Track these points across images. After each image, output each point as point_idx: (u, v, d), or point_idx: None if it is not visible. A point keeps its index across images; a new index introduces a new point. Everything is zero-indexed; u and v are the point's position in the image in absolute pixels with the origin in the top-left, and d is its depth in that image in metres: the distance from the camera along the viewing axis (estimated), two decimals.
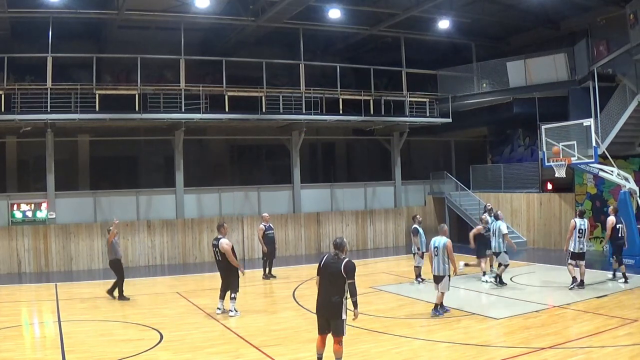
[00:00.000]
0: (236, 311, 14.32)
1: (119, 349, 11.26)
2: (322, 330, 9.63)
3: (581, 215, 17.29)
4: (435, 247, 13.81)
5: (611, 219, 17.83)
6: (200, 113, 25.52)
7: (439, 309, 13.71)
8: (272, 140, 28.18)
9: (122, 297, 16.97)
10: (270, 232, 21.14)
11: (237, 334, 12.38)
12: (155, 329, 12.82)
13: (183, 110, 25.40)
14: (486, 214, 18.86)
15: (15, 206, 24.61)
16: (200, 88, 25.79)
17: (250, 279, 21.16)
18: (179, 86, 25.60)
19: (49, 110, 24.05)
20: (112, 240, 17.38)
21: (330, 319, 9.42)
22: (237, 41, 28.41)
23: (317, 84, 27.65)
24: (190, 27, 26.48)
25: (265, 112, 26.51)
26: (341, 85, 27.89)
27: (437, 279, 13.78)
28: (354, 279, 9.32)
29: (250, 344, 11.54)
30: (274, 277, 20.63)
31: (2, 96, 23.93)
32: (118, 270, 17.12)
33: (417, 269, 18.42)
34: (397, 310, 14.57)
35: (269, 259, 20.80)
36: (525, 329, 12.22)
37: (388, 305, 15.30)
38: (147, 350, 11.19)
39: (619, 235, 17.72)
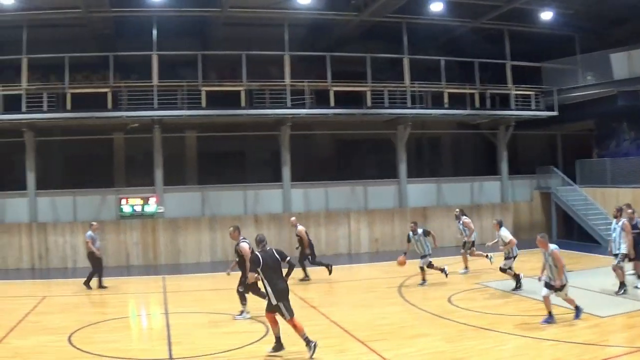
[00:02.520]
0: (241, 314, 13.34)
1: (224, 341, 11.14)
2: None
3: None
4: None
5: None
6: (305, 108, 24.87)
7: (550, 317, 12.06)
8: (378, 135, 27.31)
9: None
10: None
11: (342, 328, 12.11)
12: (261, 322, 12.56)
13: (289, 105, 24.77)
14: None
15: (124, 201, 24.59)
16: (305, 83, 25.18)
17: (356, 273, 20.34)
18: (284, 82, 25.07)
19: (156, 107, 23.88)
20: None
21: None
22: (341, 36, 27.74)
23: (421, 78, 26.66)
24: (294, 23, 25.94)
25: (371, 107, 25.65)
26: (445, 78, 26.86)
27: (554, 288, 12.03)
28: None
29: (356, 338, 11.27)
30: (308, 279, 18.71)
31: (109, 94, 24.14)
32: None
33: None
34: (502, 307, 13.91)
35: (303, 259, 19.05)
36: (630, 327, 11.61)
37: (493, 301, 14.68)
38: (252, 343, 11.08)
39: None
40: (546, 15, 26.05)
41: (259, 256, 10.18)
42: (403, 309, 14.05)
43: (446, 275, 16.92)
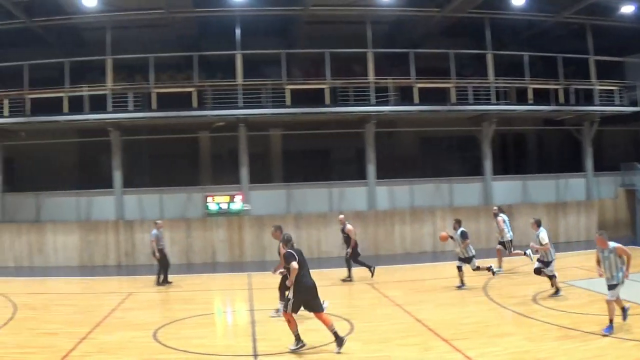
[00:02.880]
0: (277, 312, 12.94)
1: (308, 338, 10.85)
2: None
3: None
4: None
5: None
6: (389, 105, 24.61)
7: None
8: (462, 132, 26.87)
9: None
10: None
11: (426, 327, 11.88)
12: (346, 319, 12.44)
13: (373, 103, 24.55)
14: None
15: (210, 199, 24.55)
16: (389, 80, 24.93)
17: (441, 271, 19.92)
18: (368, 79, 24.86)
19: (240, 105, 23.82)
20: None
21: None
22: (423, 32, 27.46)
23: (504, 74, 26.21)
24: (376, 20, 25.75)
25: (455, 103, 25.27)
26: (529, 74, 26.31)
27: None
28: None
29: (440, 336, 11.06)
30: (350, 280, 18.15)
31: (194, 93, 24.29)
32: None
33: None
34: (587, 306, 13.29)
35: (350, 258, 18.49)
36: None
37: (579, 300, 14.07)
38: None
39: None
40: (627, 8, 25.46)
41: (293, 252, 10.46)
42: (488, 307, 13.81)
43: (493, 273, 16.41)
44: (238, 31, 24.59)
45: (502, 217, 19.00)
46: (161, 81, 25.15)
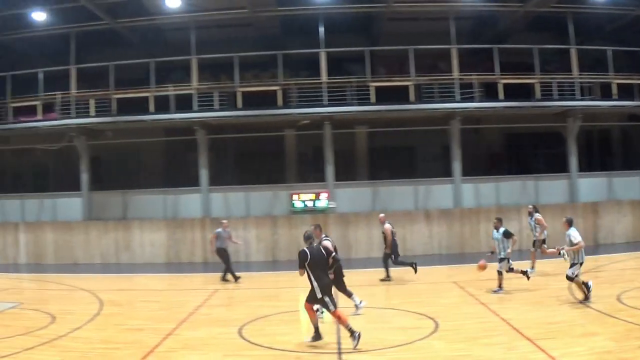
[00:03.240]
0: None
1: (393, 336, 10.96)
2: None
3: None
4: None
5: None
6: (474, 102, 24.38)
7: None
8: (547, 128, 26.49)
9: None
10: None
11: (511, 326, 11.62)
12: (430, 318, 12.35)
13: (458, 99, 24.34)
14: None
15: (295, 196, 24.53)
16: (474, 77, 24.68)
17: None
18: (452, 76, 24.63)
19: (325, 103, 23.76)
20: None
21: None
22: (506, 28, 27.10)
23: (588, 69, 25.78)
24: (459, 16, 25.50)
25: (540, 99, 24.95)
26: (612, 69, 25.82)
27: None
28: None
29: (524, 336, 10.78)
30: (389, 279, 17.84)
31: (279, 91, 24.34)
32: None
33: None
34: None
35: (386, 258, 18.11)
36: None
37: None
38: (421, 339, 10.82)
39: None
40: None
41: (307, 252, 10.62)
42: (573, 307, 13.39)
43: (528, 278, 15.42)
44: (321, 29, 24.49)
45: (538, 216, 18.56)
46: (246, 80, 25.20)
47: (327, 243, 12.60)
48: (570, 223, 13.69)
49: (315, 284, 10.62)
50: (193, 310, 14.15)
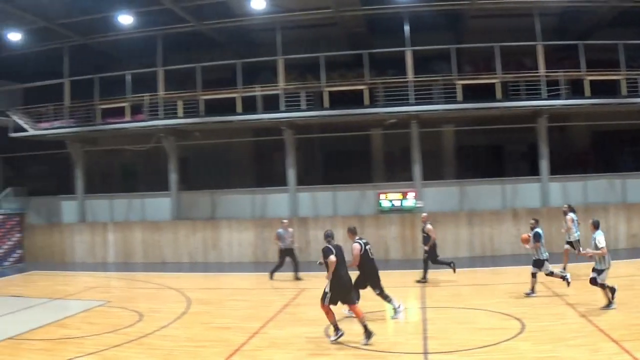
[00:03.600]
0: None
1: (479, 337, 11.04)
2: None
3: None
4: None
5: None
6: (561, 99, 24.21)
7: None
8: (634, 125, 26.23)
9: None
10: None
11: (597, 327, 11.56)
12: (517, 319, 12.39)
13: (544, 97, 24.23)
14: None
15: (382, 196, 24.82)
16: (560, 73, 24.51)
17: (613, 270, 19.35)
18: (538, 73, 24.52)
19: (412, 102, 23.84)
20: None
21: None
22: (592, 23, 27.01)
23: None
24: (543, 12, 25.46)
25: (626, 96, 24.68)
26: None
27: None
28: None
29: (610, 337, 10.73)
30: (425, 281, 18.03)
31: (366, 91, 24.58)
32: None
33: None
34: None
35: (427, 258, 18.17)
36: None
37: None
38: (507, 340, 10.85)
39: None
40: None
41: (331, 247, 11.23)
42: None
43: (568, 284, 14.95)
44: (407, 27, 24.47)
45: (572, 215, 18.69)
46: (332, 79, 25.42)
47: (355, 246, 12.87)
48: (596, 226, 13.30)
49: (332, 279, 11.22)
50: (280, 309, 14.55)
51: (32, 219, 28.26)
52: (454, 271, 17.93)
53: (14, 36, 25.44)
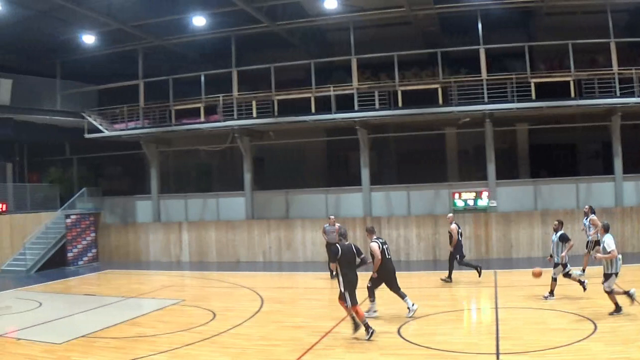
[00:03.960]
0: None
1: (551, 338, 11.05)
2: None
3: None
4: None
5: None
6: (634, 97, 24.14)
7: None
8: None
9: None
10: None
11: None
12: (589, 319, 12.42)
13: (618, 95, 24.18)
14: None
15: (456, 195, 25.22)
16: (633, 71, 24.40)
17: None
18: (611, 70, 24.44)
19: (486, 100, 23.92)
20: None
21: None
22: None
23: None
24: (616, 8, 25.42)
25: None
26: None
27: None
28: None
29: None
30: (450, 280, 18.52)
31: (439, 89, 24.85)
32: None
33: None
34: None
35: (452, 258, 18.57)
36: None
37: None
38: (579, 341, 10.83)
39: None
40: None
41: (339, 248, 11.62)
42: None
43: (584, 288, 14.92)
44: (480, 26, 24.52)
45: (593, 217, 18.92)
46: (406, 79, 25.62)
47: (374, 245, 13.18)
48: (606, 229, 13.12)
49: (341, 278, 11.62)
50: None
51: (106, 219, 28.89)
52: (480, 275, 18.47)
53: (88, 38, 25.96)
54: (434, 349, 10.78)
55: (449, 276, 18.54)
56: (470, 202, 25.21)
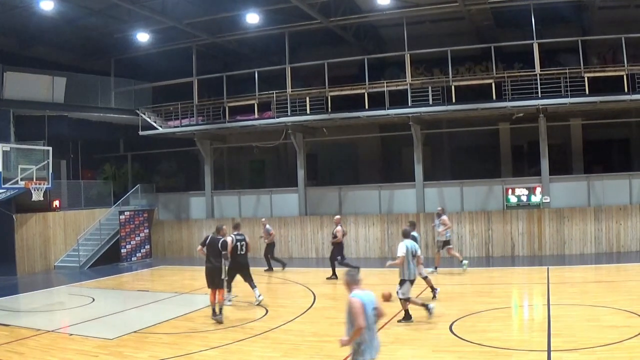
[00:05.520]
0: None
1: (603, 335, 11.20)
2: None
3: None
4: None
5: None
6: None
7: None
8: None
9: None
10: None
11: None
12: None
13: None
14: None
15: (510, 191, 26.08)
16: None
17: None
18: None
19: (539, 95, 24.24)
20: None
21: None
22: None
23: None
24: None
25: None
26: None
27: None
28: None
29: None
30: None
31: (494, 84, 25.78)
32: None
33: None
34: None
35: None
36: None
37: None
38: (630, 338, 10.91)
39: None
40: None
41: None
42: None
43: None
44: (533, 20, 24.76)
45: (444, 217, 20.29)
46: (460, 74, 26.17)
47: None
48: (404, 235, 13.56)
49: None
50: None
51: (160, 215, 29.60)
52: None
53: (142, 36, 26.78)
54: (486, 345, 11.05)
55: (333, 274, 20.04)
56: (524, 198, 26.16)
